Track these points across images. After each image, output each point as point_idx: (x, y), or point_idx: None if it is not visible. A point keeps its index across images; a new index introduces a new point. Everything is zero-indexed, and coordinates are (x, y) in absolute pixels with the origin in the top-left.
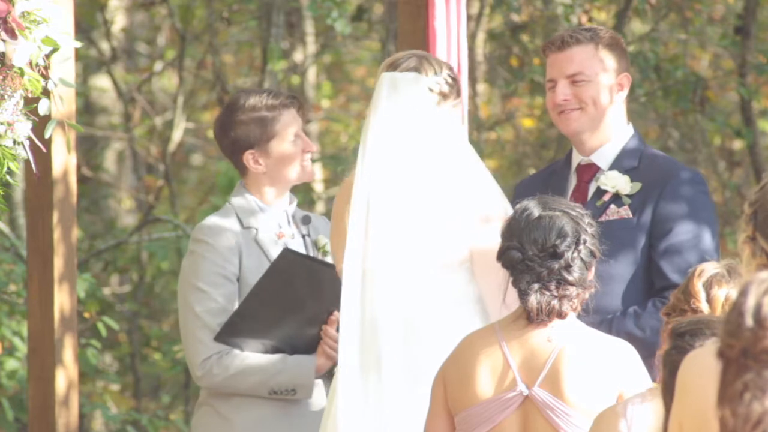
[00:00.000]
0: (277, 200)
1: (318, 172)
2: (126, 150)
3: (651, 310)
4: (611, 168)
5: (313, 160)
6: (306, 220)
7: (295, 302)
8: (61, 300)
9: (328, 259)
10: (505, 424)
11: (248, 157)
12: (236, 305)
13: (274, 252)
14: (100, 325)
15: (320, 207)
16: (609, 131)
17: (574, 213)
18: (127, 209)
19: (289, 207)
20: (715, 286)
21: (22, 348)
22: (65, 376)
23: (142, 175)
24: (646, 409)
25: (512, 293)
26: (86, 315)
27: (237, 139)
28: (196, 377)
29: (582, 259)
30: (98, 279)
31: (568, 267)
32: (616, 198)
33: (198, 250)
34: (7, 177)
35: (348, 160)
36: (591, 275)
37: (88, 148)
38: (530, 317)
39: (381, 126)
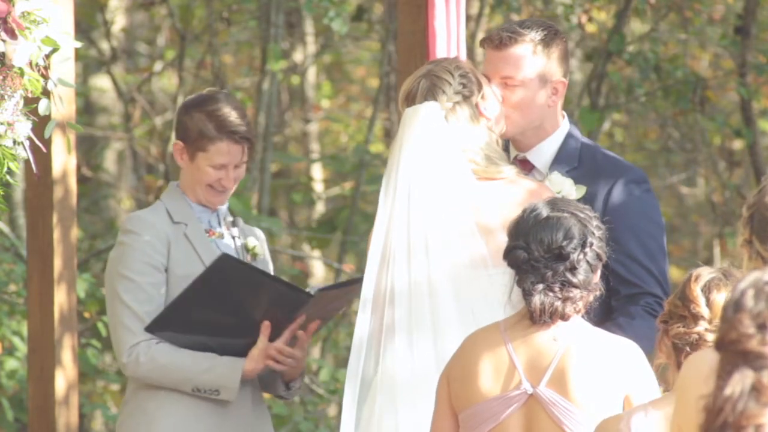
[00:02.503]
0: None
1: (318, 173)
2: (126, 150)
3: (643, 318)
4: (550, 169)
5: (313, 161)
6: (235, 223)
7: (230, 307)
8: (61, 300)
9: (259, 263)
10: (509, 422)
11: (177, 146)
12: (164, 294)
13: (204, 247)
14: (100, 325)
15: (320, 207)
16: (541, 133)
17: (582, 215)
18: (127, 209)
19: (220, 207)
20: (714, 290)
21: (23, 348)
22: (65, 376)
23: (142, 175)
24: (650, 421)
25: (518, 292)
26: (86, 315)
27: (181, 124)
28: (121, 365)
29: (588, 262)
30: (98, 279)
31: (573, 269)
32: None
33: (126, 240)
34: (7, 177)
35: (347, 159)
36: (596, 278)
37: (88, 148)
38: (533, 318)
39: (411, 158)
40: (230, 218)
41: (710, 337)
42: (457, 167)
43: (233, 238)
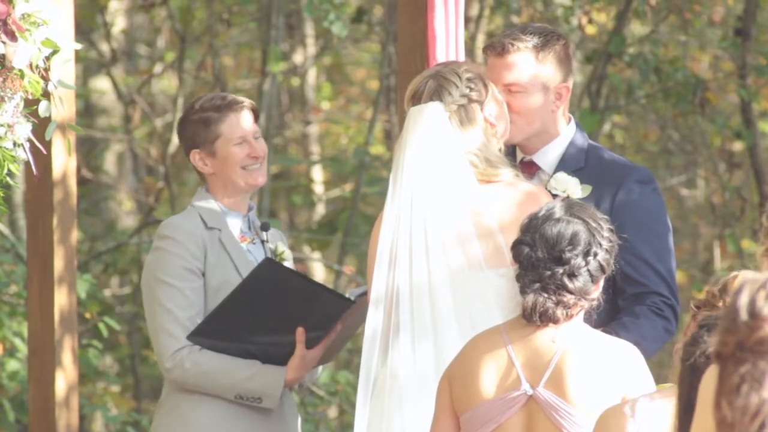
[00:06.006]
0: (237, 205)
1: (318, 174)
2: (126, 152)
3: (648, 317)
4: (556, 170)
5: (313, 163)
6: (265, 227)
7: (271, 312)
8: (61, 302)
9: (289, 265)
10: (509, 423)
11: (195, 157)
12: (203, 300)
13: (237, 254)
14: (101, 326)
15: (320, 209)
16: (545, 137)
17: (593, 224)
18: (128, 211)
19: (249, 213)
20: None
21: (24, 349)
22: (65, 377)
23: (142, 176)
24: (656, 407)
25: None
26: (87, 315)
27: (186, 138)
28: (165, 369)
29: (589, 271)
30: (98, 281)
31: (571, 275)
32: None
33: (164, 245)
34: (8, 179)
35: (347, 161)
36: (597, 289)
37: (88, 150)
38: (524, 314)
39: (415, 158)
40: (258, 223)
41: None
42: (459, 168)
43: (263, 242)
